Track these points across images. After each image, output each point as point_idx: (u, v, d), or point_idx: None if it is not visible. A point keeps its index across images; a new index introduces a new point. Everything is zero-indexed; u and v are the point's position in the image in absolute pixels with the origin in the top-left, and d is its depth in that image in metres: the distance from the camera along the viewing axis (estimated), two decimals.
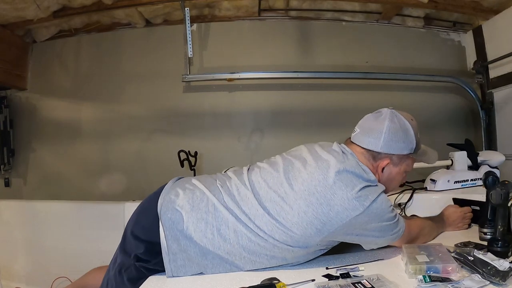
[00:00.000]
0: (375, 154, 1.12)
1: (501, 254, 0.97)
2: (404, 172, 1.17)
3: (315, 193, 1.01)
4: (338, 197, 1.00)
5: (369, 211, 1.01)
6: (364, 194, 1.01)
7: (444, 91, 2.62)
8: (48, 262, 1.98)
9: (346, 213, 1.00)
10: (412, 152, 1.14)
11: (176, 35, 2.45)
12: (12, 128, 2.60)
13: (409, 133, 1.13)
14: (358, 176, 1.04)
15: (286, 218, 1.01)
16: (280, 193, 1.04)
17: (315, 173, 1.05)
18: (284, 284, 0.90)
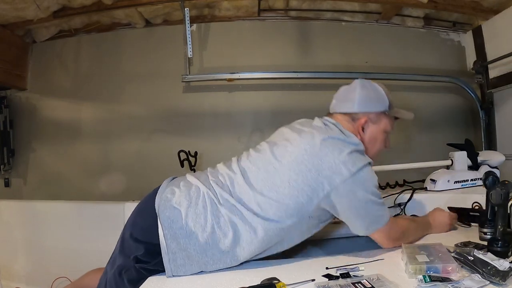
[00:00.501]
0: (353, 116, 1.21)
1: (501, 254, 0.97)
2: (384, 131, 1.24)
3: (303, 161, 1.06)
4: (326, 162, 1.05)
5: (356, 178, 1.05)
6: (352, 160, 1.06)
7: (444, 91, 2.62)
8: (48, 262, 1.98)
9: (334, 177, 1.04)
10: (387, 109, 1.22)
11: (176, 35, 2.44)
12: (12, 128, 2.60)
13: (381, 93, 1.22)
14: (343, 141, 1.10)
15: (278, 191, 1.05)
16: (270, 170, 1.09)
17: (301, 144, 1.10)
18: (284, 284, 0.90)
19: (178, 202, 1.07)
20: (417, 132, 2.60)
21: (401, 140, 2.60)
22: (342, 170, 1.04)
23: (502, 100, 2.35)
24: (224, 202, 1.06)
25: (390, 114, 1.25)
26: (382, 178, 1.94)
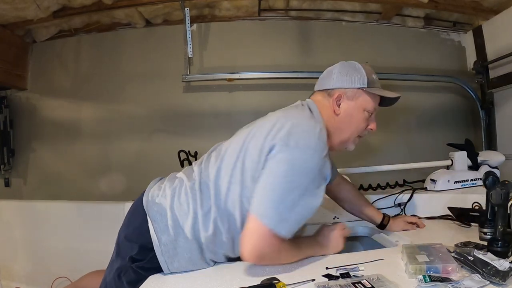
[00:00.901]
0: (329, 91, 1.18)
1: (501, 254, 0.97)
2: (363, 109, 1.17)
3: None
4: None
5: (288, 152, 0.98)
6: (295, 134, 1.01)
7: (444, 91, 2.62)
8: (48, 262, 1.98)
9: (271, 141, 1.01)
10: (365, 86, 1.16)
11: (176, 35, 2.44)
12: (12, 128, 2.60)
13: (359, 70, 1.18)
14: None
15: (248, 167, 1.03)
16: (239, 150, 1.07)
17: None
18: (284, 284, 0.90)
19: (164, 195, 1.11)
20: (417, 132, 2.60)
21: (401, 140, 2.61)
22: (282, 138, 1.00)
23: (502, 100, 2.35)
24: (204, 189, 1.07)
25: (370, 91, 1.17)
26: (382, 178, 1.94)
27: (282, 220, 0.95)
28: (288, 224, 0.97)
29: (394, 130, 2.58)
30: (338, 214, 1.61)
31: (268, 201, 0.96)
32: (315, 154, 1.00)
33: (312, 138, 1.01)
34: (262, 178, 0.99)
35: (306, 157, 0.98)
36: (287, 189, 0.96)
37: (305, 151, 0.98)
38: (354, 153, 2.63)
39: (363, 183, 1.91)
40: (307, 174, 0.98)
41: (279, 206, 0.95)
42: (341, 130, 1.17)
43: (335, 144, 1.18)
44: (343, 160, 2.41)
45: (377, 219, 1.44)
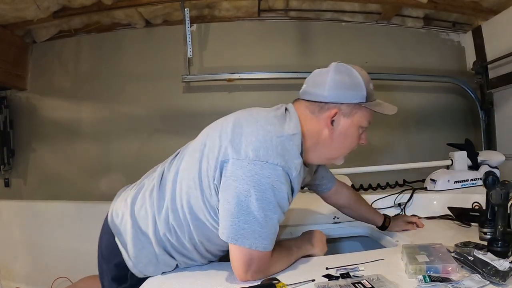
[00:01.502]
0: (322, 105, 1.01)
1: (501, 254, 0.97)
2: (358, 125, 1.03)
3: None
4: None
5: (252, 166, 0.89)
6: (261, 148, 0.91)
7: (444, 91, 2.62)
8: (48, 262, 1.98)
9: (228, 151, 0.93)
10: (363, 101, 1.01)
11: (176, 36, 2.44)
12: (12, 128, 2.60)
13: (357, 80, 1.02)
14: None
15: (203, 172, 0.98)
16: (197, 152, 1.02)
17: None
18: (284, 284, 0.90)
19: (126, 205, 1.08)
20: (417, 132, 2.60)
21: (401, 140, 2.61)
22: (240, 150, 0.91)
23: (502, 100, 2.35)
24: (161, 192, 1.04)
25: (367, 107, 1.03)
26: (382, 178, 1.94)
27: (247, 236, 0.90)
28: (257, 237, 0.91)
29: (394, 130, 2.59)
30: (338, 214, 1.61)
31: (231, 221, 0.90)
32: (276, 169, 0.90)
33: (274, 151, 0.90)
34: (223, 198, 0.92)
35: (265, 173, 0.89)
36: (253, 209, 0.89)
37: (263, 166, 0.89)
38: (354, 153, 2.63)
39: (363, 183, 1.91)
40: (268, 192, 0.90)
41: (250, 227, 0.90)
42: (332, 149, 1.05)
43: (319, 160, 1.09)
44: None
45: (378, 222, 1.43)
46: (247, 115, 1.01)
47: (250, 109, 1.07)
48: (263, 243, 0.92)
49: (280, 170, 0.90)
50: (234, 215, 0.90)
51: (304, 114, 1.02)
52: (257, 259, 0.93)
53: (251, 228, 0.90)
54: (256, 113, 1.02)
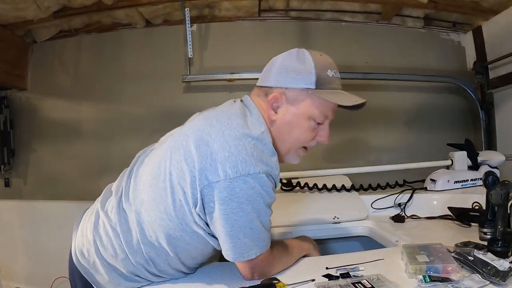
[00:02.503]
0: (267, 90, 0.94)
1: (501, 254, 0.97)
2: (307, 116, 0.93)
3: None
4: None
5: (232, 185, 0.85)
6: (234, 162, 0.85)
7: (444, 91, 2.62)
8: (48, 262, 1.98)
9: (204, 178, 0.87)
10: (312, 87, 0.90)
11: (176, 36, 2.44)
12: (12, 128, 2.60)
13: (307, 64, 0.91)
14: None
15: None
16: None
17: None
18: (284, 284, 0.90)
19: (88, 240, 0.98)
20: (417, 132, 2.60)
21: (401, 140, 2.61)
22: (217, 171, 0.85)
23: (502, 100, 2.35)
24: (125, 225, 0.97)
25: (315, 94, 0.91)
26: (382, 178, 1.94)
27: (251, 247, 0.90)
28: (258, 243, 0.91)
29: (394, 130, 2.59)
30: (338, 214, 1.61)
31: (232, 242, 0.88)
32: (260, 177, 0.86)
33: (251, 159, 0.85)
34: (216, 223, 0.88)
35: (249, 185, 0.85)
36: (245, 222, 0.87)
37: (246, 179, 0.84)
38: (354, 153, 2.64)
39: (363, 183, 1.91)
40: (258, 201, 0.88)
41: (244, 240, 0.88)
42: (281, 141, 0.96)
43: (282, 159, 0.99)
44: (343, 160, 2.42)
45: None
46: (207, 127, 0.91)
47: (206, 117, 0.97)
48: (263, 245, 0.93)
49: (263, 177, 0.87)
50: (233, 235, 0.88)
51: (257, 101, 0.97)
52: (260, 262, 0.94)
53: (252, 239, 0.90)
54: (215, 121, 0.91)
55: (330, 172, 1.88)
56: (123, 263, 0.94)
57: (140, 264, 0.94)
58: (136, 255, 0.94)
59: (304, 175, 1.84)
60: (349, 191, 1.78)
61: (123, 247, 0.94)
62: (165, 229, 0.92)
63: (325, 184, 1.76)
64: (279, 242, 1.06)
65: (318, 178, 1.81)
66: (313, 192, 1.76)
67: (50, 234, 1.99)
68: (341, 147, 2.54)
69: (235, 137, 0.87)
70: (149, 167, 0.99)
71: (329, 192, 1.76)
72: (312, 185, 1.76)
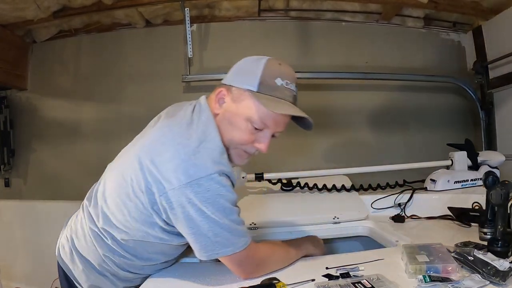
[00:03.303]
0: (226, 87, 0.99)
1: (501, 254, 0.97)
2: (245, 117, 0.94)
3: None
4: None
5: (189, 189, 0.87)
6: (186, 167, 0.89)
7: (444, 91, 2.62)
8: (48, 262, 1.97)
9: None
10: (254, 89, 0.92)
11: (176, 35, 2.44)
12: (12, 128, 2.60)
13: (256, 68, 0.94)
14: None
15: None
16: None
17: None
18: (284, 284, 0.90)
19: (65, 235, 1.11)
20: (417, 132, 2.60)
21: (400, 140, 2.61)
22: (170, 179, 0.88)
23: (502, 100, 2.35)
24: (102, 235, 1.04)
25: (256, 97, 0.92)
26: (382, 178, 1.94)
27: (225, 244, 0.91)
28: (234, 241, 0.92)
29: (393, 130, 2.59)
30: (338, 214, 1.61)
31: (209, 242, 0.91)
32: (213, 177, 0.88)
33: (201, 162, 0.88)
34: (183, 229, 0.92)
35: (204, 188, 0.87)
36: (213, 223, 0.89)
37: (199, 182, 0.87)
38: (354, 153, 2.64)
39: (363, 183, 1.91)
40: (218, 201, 0.89)
41: (221, 238, 0.91)
42: (223, 135, 0.97)
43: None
44: (343, 160, 2.42)
45: None
46: (161, 136, 0.95)
47: (160, 127, 1.01)
48: (240, 242, 0.93)
49: (216, 176, 0.88)
50: (202, 235, 0.90)
51: (211, 98, 1.02)
52: (245, 258, 0.95)
53: (224, 237, 0.91)
54: (168, 131, 0.95)
55: (330, 172, 1.88)
56: (93, 255, 1.02)
57: (107, 256, 1.01)
58: (104, 247, 1.00)
59: (304, 175, 1.83)
60: (349, 191, 1.78)
61: (92, 240, 1.01)
62: (129, 233, 0.98)
63: (325, 184, 1.76)
64: (273, 241, 1.10)
65: (318, 178, 1.81)
66: (313, 192, 1.75)
67: (50, 234, 1.98)
68: (341, 147, 2.54)
69: (184, 144, 0.89)
70: (114, 173, 1.05)
71: (329, 192, 1.76)
72: (312, 185, 1.76)
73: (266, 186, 1.73)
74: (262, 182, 1.70)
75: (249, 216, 1.57)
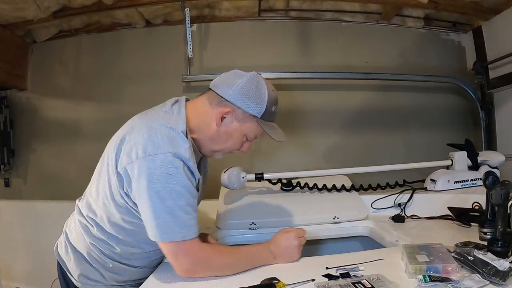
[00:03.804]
0: (221, 100, 1.07)
1: (501, 254, 0.97)
2: (244, 133, 1.09)
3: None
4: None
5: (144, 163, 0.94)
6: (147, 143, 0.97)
7: (444, 91, 2.62)
8: (48, 262, 1.97)
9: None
10: (258, 116, 1.07)
11: (176, 36, 2.45)
12: (12, 128, 2.60)
13: (262, 96, 1.07)
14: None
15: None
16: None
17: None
18: (284, 284, 0.90)
19: (64, 233, 1.22)
20: (417, 132, 2.60)
21: (401, 140, 2.61)
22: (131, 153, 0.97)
23: (502, 100, 2.35)
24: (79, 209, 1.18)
25: (259, 123, 1.08)
26: (382, 178, 1.94)
27: (172, 228, 0.94)
28: (178, 228, 0.95)
29: (393, 130, 2.59)
30: (338, 214, 1.61)
31: (152, 221, 0.95)
32: (167, 156, 0.94)
33: (160, 142, 0.96)
34: (136, 201, 0.98)
35: (157, 164, 0.93)
36: (157, 201, 0.93)
37: (154, 158, 0.93)
38: (354, 153, 2.64)
39: (363, 183, 1.91)
40: (166, 181, 0.94)
41: (162, 220, 0.94)
42: (215, 142, 1.09)
43: (205, 151, 1.13)
44: (343, 160, 2.42)
45: None
46: (139, 121, 1.06)
47: (145, 112, 1.13)
48: (180, 232, 0.94)
49: (170, 157, 0.94)
50: (146, 213, 0.95)
51: (201, 105, 1.10)
52: (183, 252, 0.96)
53: (163, 221, 0.94)
54: (148, 116, 1.07)
55: (330, 172, 1.88)
56: (81, 245, 1.12)
57: (93, 245, 1.09)
58: (91, 236, 1.10)
59: (304, 175, 1.83)
60: (349, 191, 1.78)
61: (80, 231, 1.12)
62: (107, 212, 1.05)
63: (325, 184, 1.75)
64: (227, 246, 1.15)
65: (318, 178, 1.80)
66: (313, 192, 1.75)
67: (50, 234, 1.98)
68: (341, 147, 2.54)
69: (150, 126, 0.99)
70: (97, 167, 1.15)
71: (329, 192, 1.76)
72: (312, 185, 1.76)
73: (266, 186, 1.72)
74: (262, 182, 1.70)
75: (249, 216, 1.57)
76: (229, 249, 1.09)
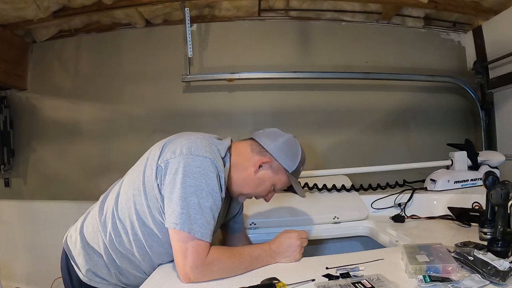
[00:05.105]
0: (262, 150, 1.19)
1: (501, 254, 0.97)
2: (273, 183, 1.20)
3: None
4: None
5: (184, 160, 1.02)
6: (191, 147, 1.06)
7: (444, 91, 2.62)
8: (48, 262, 1.98)
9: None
10: (289, 171, 1.20)
11: (176, 35, 2.44)
12: (12, 128, 2.60)
13: (297, 157, 1.21)
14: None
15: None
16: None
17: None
18: (284, 284, 0.90)
19: (75, 226, 1.27)
20: (417, 132, 2.60)
21: (401, 140, 2.61)
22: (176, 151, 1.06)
23: (502, 100, 2.35)
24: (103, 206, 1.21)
25: (290, 178, 1.21)
26: (382, 178, 1.94)
27: (193, 222, 0.98)
28: (198, 225, 0.98)
29: (393, 130, 2.59)
30: (338, 214, 1.61)
31: (177, 208, 0.99)
32: (206, 160, 1.03)
33: (204, 148, 1.06)
34: (166, 192, 1.03)
35: (196, 163, 1.02)
36: (188, 194, 0.99)
37: (195, 158, 1.03)
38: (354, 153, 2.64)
39: (363, 183, 1.91)
40: (200, 179, 1.01)
41: (187, 211, 0.98)
42: (246, 185, 1.19)
43: (232, 191, 1.19)
44: (343, 160, 2.42)
45: None
46: (187, 133, 1.18)
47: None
48: (199, 230, 0.98)
49: (209, 162, 1.04)
50: (173, 201, 1.00)
51: (244, 148, 1.21)
52: (193, 249, 0.97)
53: (188, 212, 0.98)
54: (195, 133, 1.18)
55: (330, 172, 1.88)
56: (96, 240, 1.15)
57: (110, 239, 1.13)
58: (105, 233, 1.14)
59: (304, 175, 1.83)
60: (349, 191, 1.78)
61: (98, 226, 1.15)
62: (135, 204, 1.10)
63: (325, 184, 1.76)
64: (229, 247, 1.16)
65: (318, 178, 1.81)
66: (313, 192, 1.75)
67: (50, 234, 1.99)
68: (341, 147, 2.54)
69: (198, 137, 1.12)
70: (133, 166, 1.24)
71: (329, 192, 1.76)
72: (312, 185, 1.76)
73: None
74: None
75: (249, 216, 1.57)
76: (233, 252, 1.07)
